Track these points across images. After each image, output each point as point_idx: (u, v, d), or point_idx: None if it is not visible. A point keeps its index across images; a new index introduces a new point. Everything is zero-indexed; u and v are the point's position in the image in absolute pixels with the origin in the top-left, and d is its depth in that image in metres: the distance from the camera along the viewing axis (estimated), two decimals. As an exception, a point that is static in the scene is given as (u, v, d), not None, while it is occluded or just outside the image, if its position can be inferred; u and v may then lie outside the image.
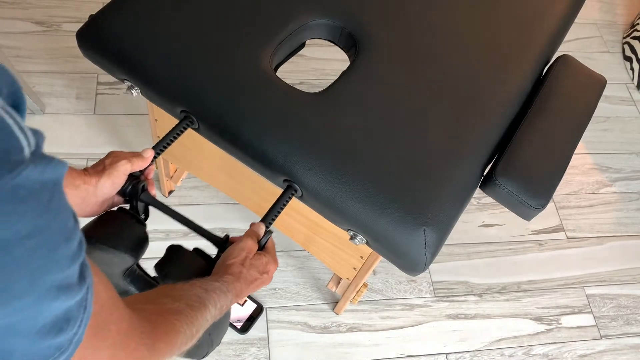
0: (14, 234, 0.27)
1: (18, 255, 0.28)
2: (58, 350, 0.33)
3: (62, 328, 0.33)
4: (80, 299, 0.34)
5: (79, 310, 0.34)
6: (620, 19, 2.07)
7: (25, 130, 0.27)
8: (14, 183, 0.26)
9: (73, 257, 0.32)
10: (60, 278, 0.32)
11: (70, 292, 0.33)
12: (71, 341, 0.34)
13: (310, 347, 1.26)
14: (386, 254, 0.80)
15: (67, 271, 0.32)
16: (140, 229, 0.73)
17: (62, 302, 0.32)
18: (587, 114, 0.93)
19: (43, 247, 0.29)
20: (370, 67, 0.87)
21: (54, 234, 0.30)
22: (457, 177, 0.81)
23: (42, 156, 0.28)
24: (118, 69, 0.85)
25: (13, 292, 0.29)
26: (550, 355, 1.34)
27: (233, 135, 0.80)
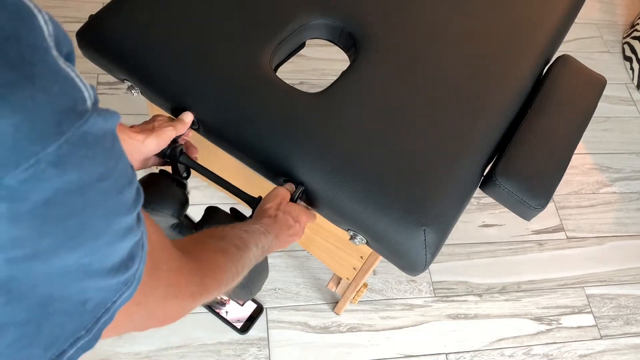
0: (89, 177, 0.29)
1: (93, 197, 0.30)
2: (125, 285, 0.36)
3: (127, 265, 0.36)
4: (139, 238, 0.37)
5: (138, 248, 0.37)
6: (620, 19, 2.07)
7: (86, 84, 0.29)
8: (83, 129, 0.28)
9: (135, 200, 0.35)
10: (127, 220, 0.34)
11: (133, 233, 0.35)
12: (134, 276, 0.37)
13: (310, 347, 1.26)
14: (386, 254, 0.80)
15: (133, 213, 0.35)
16: (181, 191, 0.78)
17: (128, 241, 0.35)
18: (587, 114, 0.92)
19: (112, 190, 0.32)
20: (370, 67, 0.87)
21: (120, 177, 0.32)
22: (457, 177, 0.81)
23: (99, 108, 0.30)
24: (118, 69, 0.85)
25: (91, 233, 0.31)
26: (550, 355, 1.34)
27: (233, 135, 0.80)
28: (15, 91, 0.25)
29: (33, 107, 0.25)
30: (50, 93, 0.26)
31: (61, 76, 0.27)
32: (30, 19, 0.27)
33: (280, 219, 0.72)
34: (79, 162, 0.28)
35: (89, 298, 0.34)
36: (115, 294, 0.36)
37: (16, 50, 0.26)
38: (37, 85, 0.26)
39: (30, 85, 0.26)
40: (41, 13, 0.28)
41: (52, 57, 0.27)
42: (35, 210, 0.27)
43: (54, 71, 0.27)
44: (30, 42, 0.26)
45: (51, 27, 0.29)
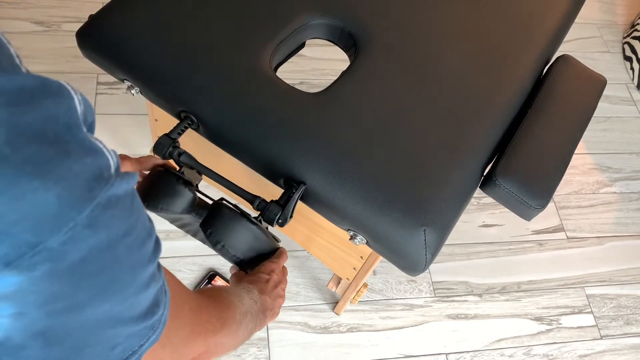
0: (116, 234, 0.32)
1: (120, 252, 0.33)
2: (151, 330, 0.39)
3: (153, 311, 0.39)
4: (162, 285, 0.40)
5: (162, 294, 0.41)
6: (620, 19, 2.07)
7: (111, 152, 0.33)
8: (109, 193, 0.31)
9: (155, 251, 0.38)
10: (150, 269, 0.37)
11: (155, 281, 0.39)
12: (160, 320, 0.40)
13: (310, 347, 1.26)
14: (386, 254, 0.80)
15: (153, 262, 0.38)
16: (188, 188, 0.78)
17: (152, 289, 0.38)
18: (587, 114, 0.92)
19: (135, 244, 0.35)
20: (370, 67, 0.87)
21: (141, 231, 0.36)
22: (457, 177, 0.81)
23: (120, 171, 0.33)
24: (118, 69, 0.85)
25: (120, 285, 0.34)
26: (550, 355, 1.34)
27: (233, 135, 0.80)
28: (56, 165, 0.29)
29: (71, 178, 0.29)
30: (84, 164, 0.30)
31: (92, 149, 0.31)
32: (69, 101, 0.32)
33: (253, 280, 0.75)
34: (107, 222, 0.32)
35: (118, 343, 0.37)
36: (143, 338, 0.39)
37: (53, 130, 0.29)
38: (72, 158, 0.30)
39: (67, 159, 0.29)
40: (77, 94, 0.33)
41: (83, 133, 0.31)
42: (73, 267, 0.30)
43: (86, 145, 0.31)
44: (65, 121, 0.31)
45: (82, 106, 0.33)
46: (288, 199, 0.76)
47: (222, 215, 0.75)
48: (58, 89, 0.32)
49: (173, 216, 0.79)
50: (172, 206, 0.76)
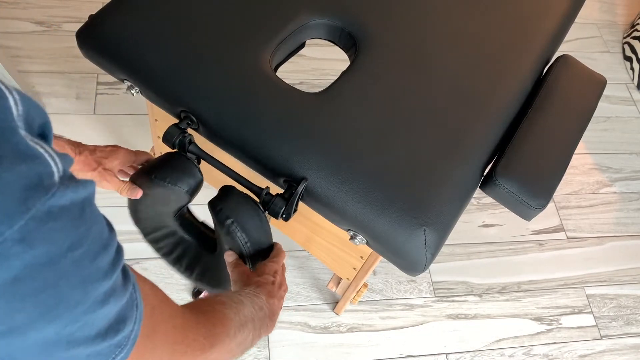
0: (58, 249, 0.29)
1: (66, 268, 0.30)
2: (118, 348, 0.36)
3: (118, 329, 0.36)
4: (129, 299, 0.37)
5: (131, 309, 0.38)
6: (620, 19, 2.07)
7: (55, 158, 0.30)
8: (49, 204, 0.28)
9: (113, 264, 0.35)
10: (107, 284, 0.34)
11: (117, 295, 0.35)
12: (128, 338, 0.37)
13: (310, 347, 1.26)
14: (386, 254, 0.80)
15: (112, 277, 0.35)
16: (197, 171, 0.80)
17: (112, 305, 0.35)
18: (587, 114, 0.92)
19: (86, 258, 0.32)
20: (370, 67, 0.87)
21: (92, 244, 0.32)
22: (457, 177, 0.81)
23: (70, 178, 0.31)
24: (118, 69, 0.85)
25: (67, 304, 0.31)
26: (550, 355, 1.34)
27: (233, 135, 0.80)
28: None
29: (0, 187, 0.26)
30: (16, 172, 0.27)
31: (28, 155, 0.28)
32: (1, 101, 0.29)
33: (260, 282, 0.72)
34: (46, 236, 0.29)
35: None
36: (107, 357, 0.36)
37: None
38: (3, 166, 0.27)
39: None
40: (12, 94, 0.30)
41: (20, 137, 0.28)
42: (4, 288, 0.28)
43: (21, 150, 0.28)
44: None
45: (21, 107, 0.30)
46: (292, 193, 0.77)
47: (233, 194, 0.76)
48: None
49: (168, 194, 0.78)
50: (179, 182, 0.77)
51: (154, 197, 0.79)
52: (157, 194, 0.78)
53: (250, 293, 0.68)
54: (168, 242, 0.85)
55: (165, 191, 0.78)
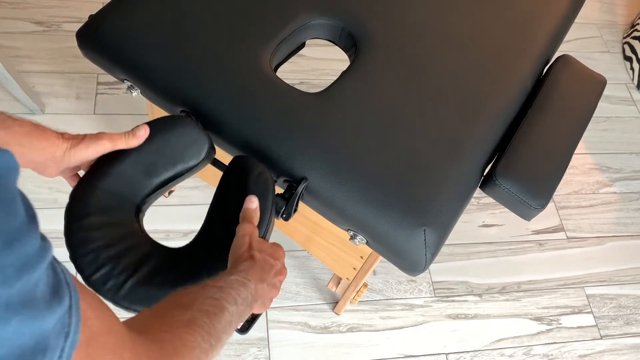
0: None
1: None
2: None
3: (35, 357, 0.27)
4: (57, 324, 0.28)
5: (58, 337, 0.28)
6: (620, 19, 2.07)
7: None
8: None
9: (23, 267, 0.26)
10: (8, 294, 0.25)
11: (29, 313, 0.26)
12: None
13: (310, 347, 1.26)
14: (386, 254, 0.80)
15: (16, 284, 0.26)
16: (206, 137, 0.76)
17: (19, 325, 0.26)
18: (587, 114, 0.92)
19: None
20: (370, 67, 0.87)
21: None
22: (457, 177, 0.81)
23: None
24: (118, 69, 0.85)
25: None
26: (550, 355, 1.34)
27: (233, 135, 0.80)
28: None
29: None
30: None
31: None
32: None
33: (258, 258, 0.63)
34: None
35: None
36: None
37: None
38: None
39: None
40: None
41: None
42: None
43: None
44: None
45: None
46: (292, 193, 0.77)
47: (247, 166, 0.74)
48: None
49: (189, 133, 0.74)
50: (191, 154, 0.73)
51: (154, 148, 0.72)
52: (180, 129, 0.73)
53: (238, 281, 0.58)
54: (114, 231, 0.67)
55: (188, 129, 0.73)
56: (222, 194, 0.74)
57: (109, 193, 0.68)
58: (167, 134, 0.73)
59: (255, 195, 0.71)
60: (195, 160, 0.74)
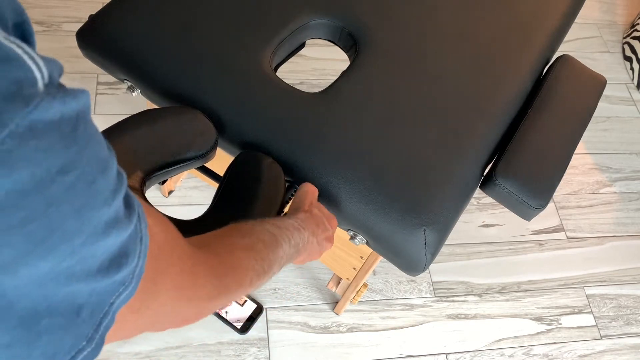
0: (46, 172, 0.25)
1: (57, 194, 0.26)
2: (122, 285, 0.32)
3: (121, 263, 0.32)
4: (133, 231, 0.33)
5: (135, 243, 0.33)
6: (620, 19, 2.07)
7: (37, 61, 0.25)
8: (31, 117, 0.23)
9: (115, 189, 0.30)
10: (107, 213, 0.30)
11: (120, 226, 0.31)
12: (133, 274, 0.33)
13: (310, 347, 1.26)
14: (386, 254, 0.80)
15: (112, 204, 0.30)
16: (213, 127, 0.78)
17: (114, 237, 0.31)
18: (587, 114, 0.92)
19: (80, 182, 0.27)
20: (370, 67, 0.87)
21: (88, 165, 0.28)
22: (457, 177, 0.81)
23: (58, 87, 0.25)
24: (118, 69, 0.85)
25: (62, 234, 0.27)
26: (550, 355, 1.34)
27: (233, 135, 0.80)
28: None
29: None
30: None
31: (2, 56, 0.23)
32: None
33: (316, 214, 0.68)
34: (29, 156, 0.24)
35: (81, 305, 0.30)
36: (111, 295, 0.32)
37: None
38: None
39: None
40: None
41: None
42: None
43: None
44: None
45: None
46: (292, 194, 0.77)
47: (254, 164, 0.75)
48: None
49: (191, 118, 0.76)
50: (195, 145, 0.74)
51: (167, 129, 0.75)
52: (177, 126, 0.75)
53: (294, 225, 0.62)
54: None
55: (194, 124, 0.75)
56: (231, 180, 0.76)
57: (119, 157, 0.70)
58: (180, 118, 0.76)
59: (268, 180, 0.73)
60: (202, 150, 0.75)
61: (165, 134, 0.74)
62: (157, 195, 1.38)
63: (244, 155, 0.77)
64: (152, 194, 1.38)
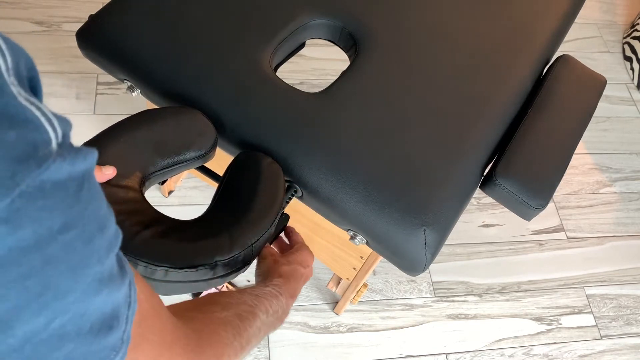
0: (47, 231, 0.26)
1: (54, 252, 0.26)
2: (113, 351, 0.33)
3: (111, 326, 0.32)
4: (125, 294, 0.33)
5: (125, 305, 0.33)
6: (620, 19, 2.07)
7: (53, 122, 0.26)
8: (41, 178, 0.24)
9: (109, 247, 0.31)
10: (101, 270, 0.30)
11: (112, 285, 0.32)
12: (122, 340, 0.33)
13: (310, 347, 1.26)
14: (386, 254, 0.80)
15: (106, 262, 0.31)
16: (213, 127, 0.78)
17: (106, 296, 0.31)
18: (587, 114, 0.92)
19: (79, 240, 0.28)
20: (370, 67, 0.87)
21: (87, 224, 0.28)
22: (457, 177, 0.81)
23: (69, 147, 0.26)
24: (118, 69, 0.85)
25: (58, 291, 0.28)
26: (550, 355, 1.34)
27: (233, 135, 0.80)
28: None
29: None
30: (4, 142, 0.23)
31: (20, 119, 0.24)
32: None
33: (287, 273, 0.68)
34: (35, 216, 0.25)
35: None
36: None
37: None
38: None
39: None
40: None
41: (10, 96, 0.24)
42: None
43: (11, 114, 0.24)
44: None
45: (9, 58, 0.25)
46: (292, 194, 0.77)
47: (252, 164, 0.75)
48: None
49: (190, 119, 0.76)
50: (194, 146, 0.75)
51: (167, 128, 0.75)
52: (178, 126, 0.75)
53: (272, 293, 0.63)
54: (122, 192, 0.69)
55: (194, 124, 0.75)
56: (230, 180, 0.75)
57: (118, 157, 0.70)
58: (180, 118, 0.76)
59: (267, 180, 0.73)
60: (201, 150, 0.75)
61: (164, 133, 0.74)
62: (157, 195, 1.38)
63: (243, 155, 0.77)
64: (152, 194, 1.38)
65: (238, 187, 0.74)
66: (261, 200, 0.71)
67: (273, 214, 0.71)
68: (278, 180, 0.74)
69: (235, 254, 0.65)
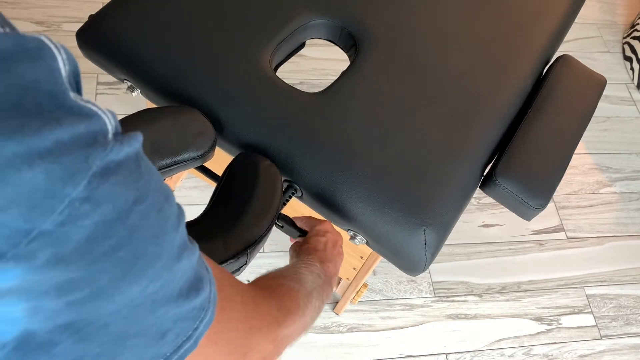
0: (124, 203, 0.29)
1: (136, 222, 0.30)
2: (202, 311, 0.36)
3: (198, 287, 0.35)
4: (200, 260, 0.36)
5: (203, 268, 0.36)
6: (620, 19, 2.07)
7: (107, 114, 0.29)
8: (108, 159, 0.28)
9: (178, 215, 0.34)
10: (177, 237, 0.34)
11: (188, 251, 0.35)
12: (209, 299, 0.36)
13: (310, 347, 1.26)
14: (386, 254, 0.80)
15: (179, 229, 0.34)
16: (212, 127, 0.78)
17: (187, 260, 0.34)
18: (587, 114, 0.92)
19: (152, 210, 0.31)
20: (371, 67, 0.87)
21: (155, 195, 0.32)
22: (457, 177, 0.81)
23: (122, 134, 0.30)
24: (118, 69, 0.85)
25: (146, 259, 0.31)
26: (550, 355, 1.34)
27: (232, 135, 0.80)
28: (40, 138, 0.25)
29: (60, 150, 0.26)
30: (76, 133, 0.27)
31: (84, 114, 0.28)
32: (51, 63, 0.27)
33: (307, 250, 0.73)
34: (110, 192, 0.28)
35: (167, 330, 0.33)
36: (195, 321, 0.35)
37: (33, 99, 0.26)
38: (63, 128, 0.26)
39: (54, 130, 0.26)
40: (61, 53, 0.28)
41: (71, 99, 0.28)
42: (81, 249, 0.27)
43: (75, 111, 0.27)
44: (48, 88, 0.27)
45: (68, 66, 0.29)
46: (292, 193, 0.77)
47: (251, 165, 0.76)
48: (37, 49, 0.27)
49: (191, 118, 0.77)
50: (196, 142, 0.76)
51: (166, 128, 0.76)
52: (176, 125, 0.77)
53: (304, 263, 0.67)
54: None
55: (193, 124, 0.76)
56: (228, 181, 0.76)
57: None
58: (179, 118, 0.76)
59: (264, 183, 0.74)
60: (200, 150, 0.76)
61: (163, 133, 0.74)
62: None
63: (241, 156, 0.77)
64: (152, 194, 1.38)
65: (234, 189, 0.74)
66: (257, 203, 0.71)
67: (270, 217, 0.71)
68: (275, 183, 0.74)
69: (229, 257, 0.65)
